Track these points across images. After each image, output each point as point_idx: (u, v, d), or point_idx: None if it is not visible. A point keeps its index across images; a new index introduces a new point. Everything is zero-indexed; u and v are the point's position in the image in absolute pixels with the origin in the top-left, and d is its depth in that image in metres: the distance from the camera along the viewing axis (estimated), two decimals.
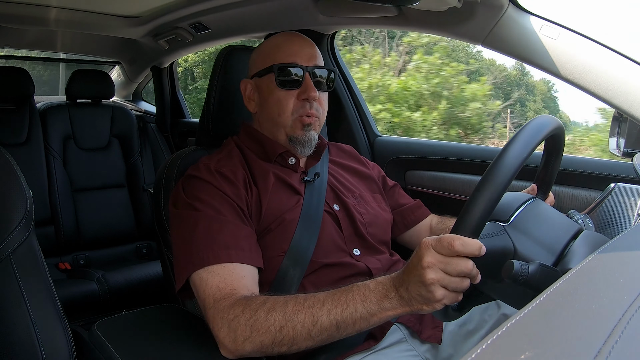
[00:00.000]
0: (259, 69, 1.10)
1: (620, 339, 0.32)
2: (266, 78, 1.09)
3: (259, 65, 1.11)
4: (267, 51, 1.11)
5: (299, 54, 1.07)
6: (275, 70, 1.06)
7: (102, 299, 1.97)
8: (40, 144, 2.26)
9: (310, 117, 1.07)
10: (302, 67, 1.06)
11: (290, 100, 1.07)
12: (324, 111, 1.12)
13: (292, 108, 1.07)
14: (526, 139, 0.69)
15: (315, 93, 1.06)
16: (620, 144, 1.15)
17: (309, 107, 1.07)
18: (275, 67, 1.06)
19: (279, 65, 1.06)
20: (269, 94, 1.08)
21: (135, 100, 3.03)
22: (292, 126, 1.08)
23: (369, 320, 0.76)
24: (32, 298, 0.82)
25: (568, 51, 1.10)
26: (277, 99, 1.07)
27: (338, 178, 1.18)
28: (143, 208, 2.46)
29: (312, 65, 1.08)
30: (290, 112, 1.07)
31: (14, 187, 0.84)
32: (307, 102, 1.07)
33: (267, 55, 1.10)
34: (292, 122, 1.08)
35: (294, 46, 1.08)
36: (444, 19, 1.25)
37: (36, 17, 1.80)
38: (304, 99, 1.06)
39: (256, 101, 1.13)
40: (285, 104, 1.07)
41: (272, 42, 1.12)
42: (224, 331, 0.82)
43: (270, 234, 1.00)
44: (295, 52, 1.08)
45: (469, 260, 0.68)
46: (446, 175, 1.58)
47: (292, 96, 1.07)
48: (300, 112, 1.07)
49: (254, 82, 1.12)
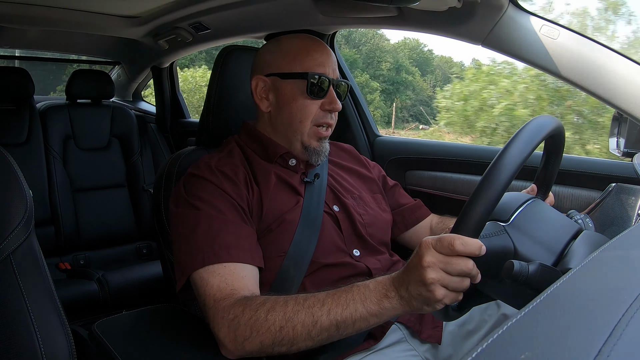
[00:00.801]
0: (283, 70, 1.07)
1: (620, 339, 0.32)
2: (292, 82, 1.06)
3: (282, 66, 1.07)
4: (295, 54, 1.07)
5: (327, 64, 1.07)
6: (309, 78, 1.04)
7: (102, 299, 1.97)
8: (40, 144, 2.26)
9: (327, 130, 1.09)
10: (329, 78, 1.06)
11: (314, 109, 1.07)
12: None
13: (314, 117, 1.07)
14: (526, 139, 0.69)
15: (339, 105, 1.07)
16: (620, 144, 1.15)
17: (329, 118, 1.08)
18: (310, 75, 1.04)
19: (314, 74, 1.05)
20: (292, 99, 1.06)
21: (135, 100, 3.03)
22: (309, 135, 1.08)
23: (368, 320, 0.76)
24: (32, 298, 0.82)
25: (568, 51, 1.10)
26: (302, 105, 1.06)
27: (337, 179, 1.18)
28: (143, 208, 2.46)
29: (336, 77, 1.08)
30: (310, 120, 1.07)
31: (14, 187, 0.84)
32: (329, 113, 1.08)
33: (295, 59, 1.07)
34: (309, 131, 1.07)
35: (323, 56, 1.08)
36: (444, 19, 1.25)
37: (36, 17, 1.80)
38: (327, 109, 1.07)
39: (271, 101, 1.10)
40: (309, 112, 1.07)
41: (300, 46, 1.08)
42: (224, 331, 0.82)
43: (270, 234, 1.00)
44: (325, 62, 1.07)
45: (470, 260, 0.68)
46: (446, 175, 1.58)
47: (316, 105, 1.06)
48: (320, 121, 1.07)
49: (271, 81, 1.09)
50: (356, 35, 24.12)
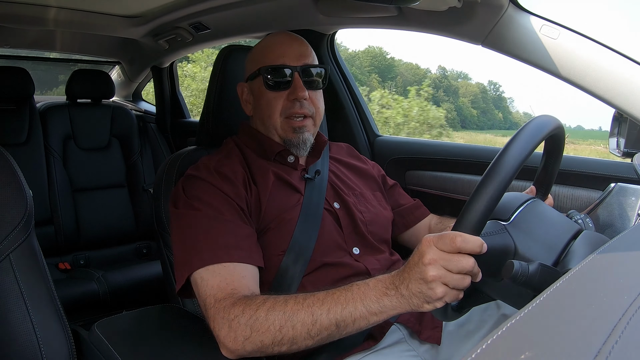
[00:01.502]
0: (251, 72, 1.12)
1: (620, 339, 0.32)
2: (257, 81, 1.10)
3: (250, 68, 1.13)
4: (257, 54, 1.12)
5: (287, 54, 1.07)
6: (263, 73, 1.07)
7: (102, 299, 1.98)
8: (40, 144, 2.26)
9: (301, 120, 1.08)
10: (291, 67, 1.06)
11: (279, 102, 1.07)
12: (319, 109, 1.11)
13: (281, 109, 1.07)
14: (528, 137, 0.70)
15: (304, 92, 1.06)
16: (620, 144, 1.15)
17: (298, 107, 1.07)
18: (262, 69, 1.07)
19: (266, 67, 1.07)
20: (260, 97, 1.10)
21: (135, 100, 3.03)
22: (282, 128, 1.08)
23: (368, 319, 0.76)
24: (32, 298, 0.83)
25: (568, 51, 1.09)
26: (267, 100, 1.08)
27: (339, 175, 1.18)
28: (143, 208, 2.46)
29: (302, 64, 1.07)
30: (279, 113, 1.08)
31: (14, 187, 0.84)
32: (297, 102, 1.07)
33: (256, 58, 1.11)
34: (281, 124, 1.08)
35: (282, 46, 1.09)
36: (444, 19, 1.25)
37: (36, 17, 1.80)
38: (294, 99, 1.06)
39: (252, 104, 1.14)
40: (274, 106, 1.07)
41: (262, 45, 1.13)
42: (225, 331, 0.82)
43: (269, 233, 1.00)
44: (284, 53, 1.08)
45: (471, 258, 0.68)
46: (446, 175, 1.58)
47: (281, 97, 1.07)
48: (289, 113, 1.07)
49: (248, 85, 1.14)
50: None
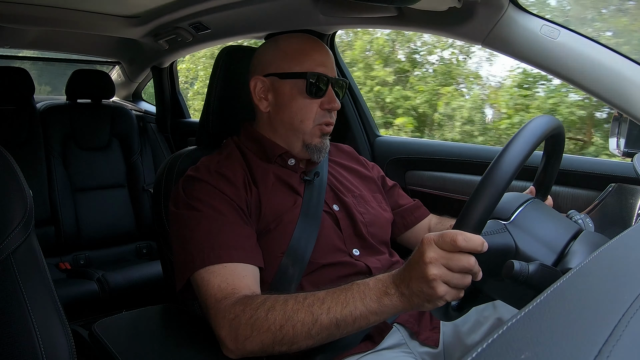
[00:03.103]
0: (282, 70, 1.07)
1: (620, 339, 0.32)
2: (291, 82, 1.06)
3: (281, 66, 1.07)
4: (294, 54, 1.07)
5: (326, 64, 1.07)
6: (309, 78, 1.05)
7: (102, 299, 1.97)
8: (41, 144, 2.26)
9: (329, 126, 1.09)
10: (329, 77, 1.07)
11: (314, 108, 1.07)
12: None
13: (315, 116, 1.07)
14: (528, 136, 0.70)
15: (338, 104, 1.08)
16: (620, 144, 1.15)
17: (329, 117, 1.09)
18: (309, 74, 1.05)
19: (313, 73, 1.05)
20: (291, 99, 1.07)
21: (135, 100, 3.03)
22: (311, 133, 1.08)
23: (368, 318, 0.76)
24: (32, 298, 0.82)
25: (568, 51, 1.10)
26: (301, 105, 1.06)
27: (338, 178, 1.18)
28: (143, 208, 2.46)
29: (334, 76, 1.09)
30: (312, 120, 1.07)
31: (14, 187, 0.84)
32: (329, 112, 1.08)
33: (293, 59, 1.07)
34: (311, 130, 1.08)
35: (321, 55, 1.08)
36: (444, 19, 1.25)
37: (36, 17, 1.80)
38: (327, 108, 1.07)
39: (270, 101, 1.10)
40: (309, 112, 1.07)
41: (299, 46, 1.09)
42: (225, 330, 0.82)
43: (269, 234, 1.00)
44: (323, 62, 1.07)
45: (472, 257, 0.68)
46: (446, 175, 1.58)
47: (315, 104, 1.07)
48: (321, 121, 1.08)
49: (270, 81, 1.09)
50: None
